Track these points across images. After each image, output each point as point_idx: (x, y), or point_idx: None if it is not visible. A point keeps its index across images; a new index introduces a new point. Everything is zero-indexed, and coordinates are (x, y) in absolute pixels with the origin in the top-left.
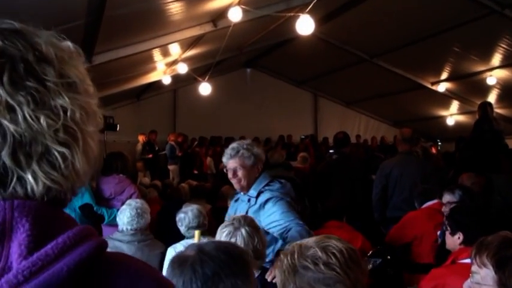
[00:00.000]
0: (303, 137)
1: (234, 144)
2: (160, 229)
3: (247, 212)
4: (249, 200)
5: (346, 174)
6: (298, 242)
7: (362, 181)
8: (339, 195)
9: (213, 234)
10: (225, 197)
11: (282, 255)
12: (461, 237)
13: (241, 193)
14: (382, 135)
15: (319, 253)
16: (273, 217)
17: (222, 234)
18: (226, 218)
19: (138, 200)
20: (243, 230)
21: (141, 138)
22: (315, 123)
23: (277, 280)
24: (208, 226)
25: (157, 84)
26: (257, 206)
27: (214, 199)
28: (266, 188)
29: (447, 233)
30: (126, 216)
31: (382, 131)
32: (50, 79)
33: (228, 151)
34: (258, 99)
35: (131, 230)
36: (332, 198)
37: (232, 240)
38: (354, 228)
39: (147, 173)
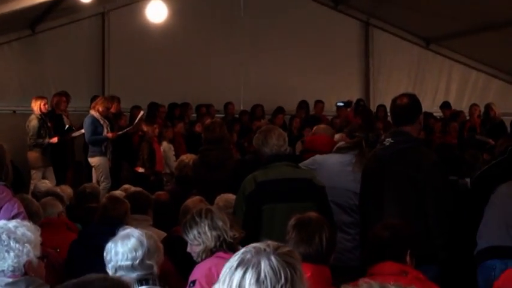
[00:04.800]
0: (341, 104)
1: None
2: (76, 273)
3: None
4: None
5: (407, 176)
6: None
7: (441, 189)
8: (393, 214)
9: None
10: None
11: None
12: None
13: None
14: (490, 101)
15: None
16: None
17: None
18: None
19: (14, 221)
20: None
21: (37, 106)
22: (366, 79)
23: None
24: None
25: (68, 2)
26: None
27: (171, 220)
28: None
29: None
30: None
31: (492, 94)
32: None
33: None
34: (259, 34)
35: (6, 275)
36: (383, 220)
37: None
38: (427, 276)
39: (47, 170)
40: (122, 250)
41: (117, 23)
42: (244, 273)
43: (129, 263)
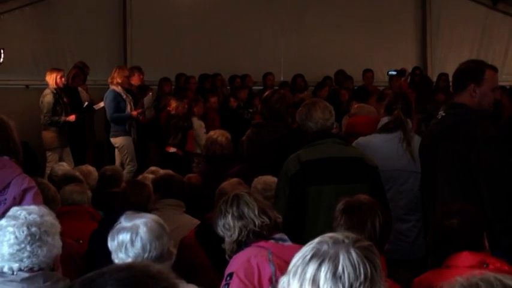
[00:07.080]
0: (394, 72)
1: None
2: (97, 266)
3: None
4: None
5: (458, 153)
6: None
7: (496, 168)
8: (446, 197)
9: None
10: None
11: None
12: None
13: None
14: None
15: None
16: None
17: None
18: None
19: (34, 208)
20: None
21: (52, 80)
22: (423, 45)
23: None
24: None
25: None
26: None
27: (204, 207)
28: None
29: None
30: (6, 242)
31: None
32: None
33: None
34: None
35: (21, 270)
36: (441, 204)
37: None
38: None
39: (64, 152)
40: (146, 236)
41: None
42: (320, 265)
43: (155, 254)
